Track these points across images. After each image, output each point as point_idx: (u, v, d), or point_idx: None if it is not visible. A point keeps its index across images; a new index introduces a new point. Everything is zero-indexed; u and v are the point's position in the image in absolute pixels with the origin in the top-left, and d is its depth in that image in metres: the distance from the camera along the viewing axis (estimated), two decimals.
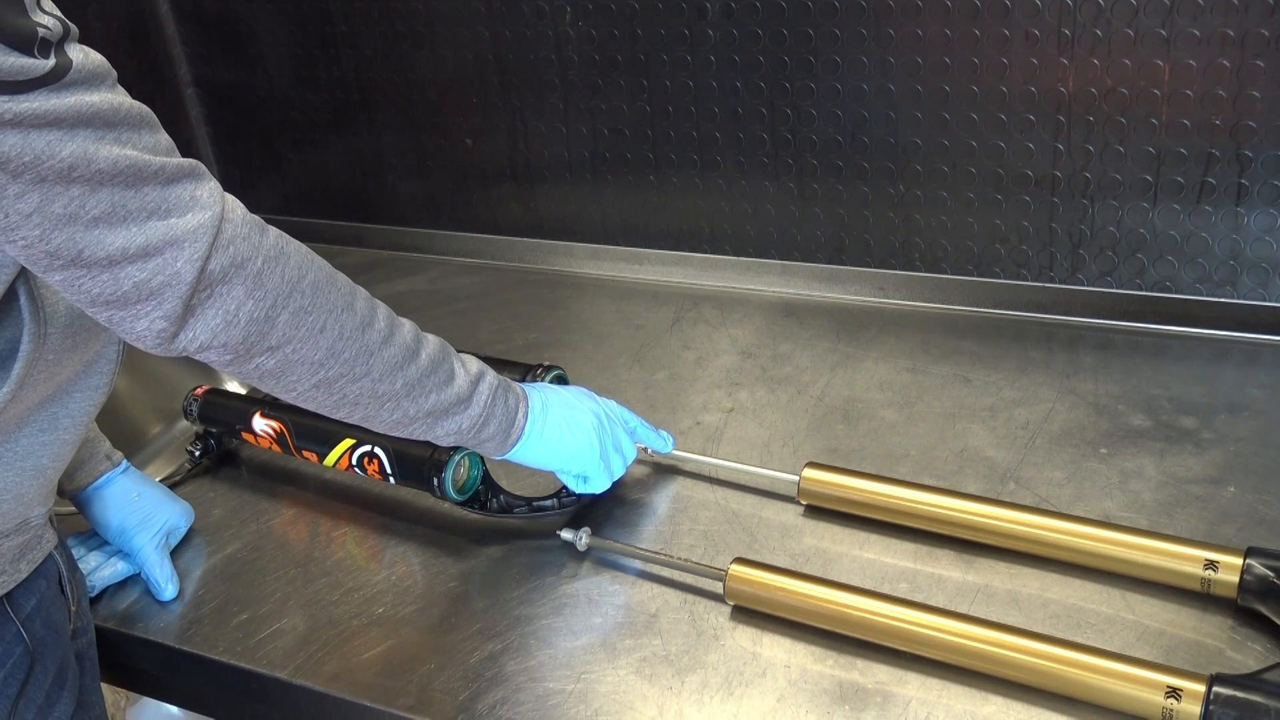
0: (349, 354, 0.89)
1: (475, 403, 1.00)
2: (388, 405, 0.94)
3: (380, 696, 1.04)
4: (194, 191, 0.80)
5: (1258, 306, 1.41)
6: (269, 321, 0.84)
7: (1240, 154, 1.34)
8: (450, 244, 1.92)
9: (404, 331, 0.95)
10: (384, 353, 0.91)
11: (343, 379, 0.90)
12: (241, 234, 0.82)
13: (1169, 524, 1.13)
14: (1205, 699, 0.88)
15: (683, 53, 1.59)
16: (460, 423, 0.99)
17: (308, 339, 0.86)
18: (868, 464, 1.25)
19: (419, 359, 0.95)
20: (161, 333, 0.80)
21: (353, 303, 0.90)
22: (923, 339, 1.50)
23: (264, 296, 0.83)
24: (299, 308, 0.85)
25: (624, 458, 1.18)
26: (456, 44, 1.74)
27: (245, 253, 0.82)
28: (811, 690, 0.99)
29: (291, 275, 0.85)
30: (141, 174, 0.76)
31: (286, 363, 0.86)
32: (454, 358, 1.00)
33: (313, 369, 0.88)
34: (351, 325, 0.89)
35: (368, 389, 0.92)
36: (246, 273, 0.82)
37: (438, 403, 0.97)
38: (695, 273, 1.73)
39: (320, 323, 0.86)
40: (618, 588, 1.13)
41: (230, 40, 1.91)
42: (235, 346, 0.83)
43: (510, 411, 1.04)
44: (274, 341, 0.85)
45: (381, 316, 0.93)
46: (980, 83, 1.43)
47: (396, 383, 0.93)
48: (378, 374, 0.91)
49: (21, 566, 0.98)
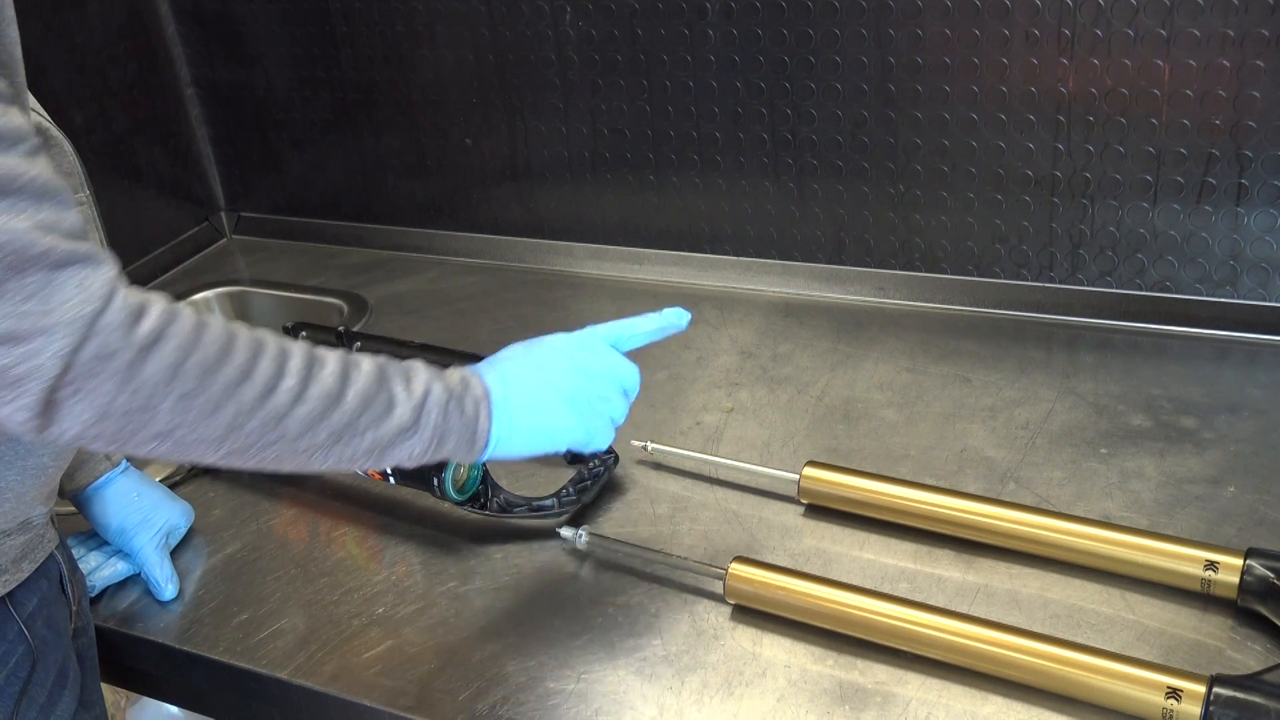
0: (253, 425, 0.82)
1: (424, 425, 0.92)
2: (317, 455, 0.87)
3: (380, 696, 1.04)
4: (84, 279, 0.75)
5: (1258, 306, 1.41)
6: (149, 411, 0.78)
7: (1240, 154, 1.34)
8: (450, 244, 1.92)
9: (324, 377, 0.87)
10: (297, 411, 0.84)
11: (253, 447, 0.84)
12: (113, 323, 0.76)
13: (1169, 524, 1.13)
14: (1205, 699, 0.88)
15: (683, 53, 1.59)
16: (412, 449, 0.92)
17: (199, 422, 0.80)
18: (868, 464, 1.25)
19: (343, 403, 0.87)
20: (26, 423, 0.75)
21: (251, 372, 0.82)
22: (923, 339, 1.50)
23: (139, 388, 0.77)
24: (184, 393, 0.79)
25: (621, 394, 1.05)
26: (456, 44, 1.74)
27: (114, 344, 0.75)
28: (811, 690, 0.99)
29: (171, 361, 0.78)
30: (25, 253, 0.72)
31: (182, 444, 0.81)
32: (394, 384, 0.91)
33: (215, 445, 0.82)
34: (251, 396, 0.82)
35: (286, 449, 0.85)
36: (115, 366, 0.75)
37: (377, 438, 0.90)
38: (695, 273, 1.73)
39: (212, 403, 0.80)
40: (618, 588, 1.13)
41: (230, 40, 1.91)
42: (114, 436, 0.78)
43: (469, 420, 0.95)
44: (160, 429, 0.79)
45: (292, 373, 0.85)
46: (980, 83, 1.43)
47: (319, 435, 0.86)
48: (293, 434, 0.85)
49: (24, 566, 0.98)
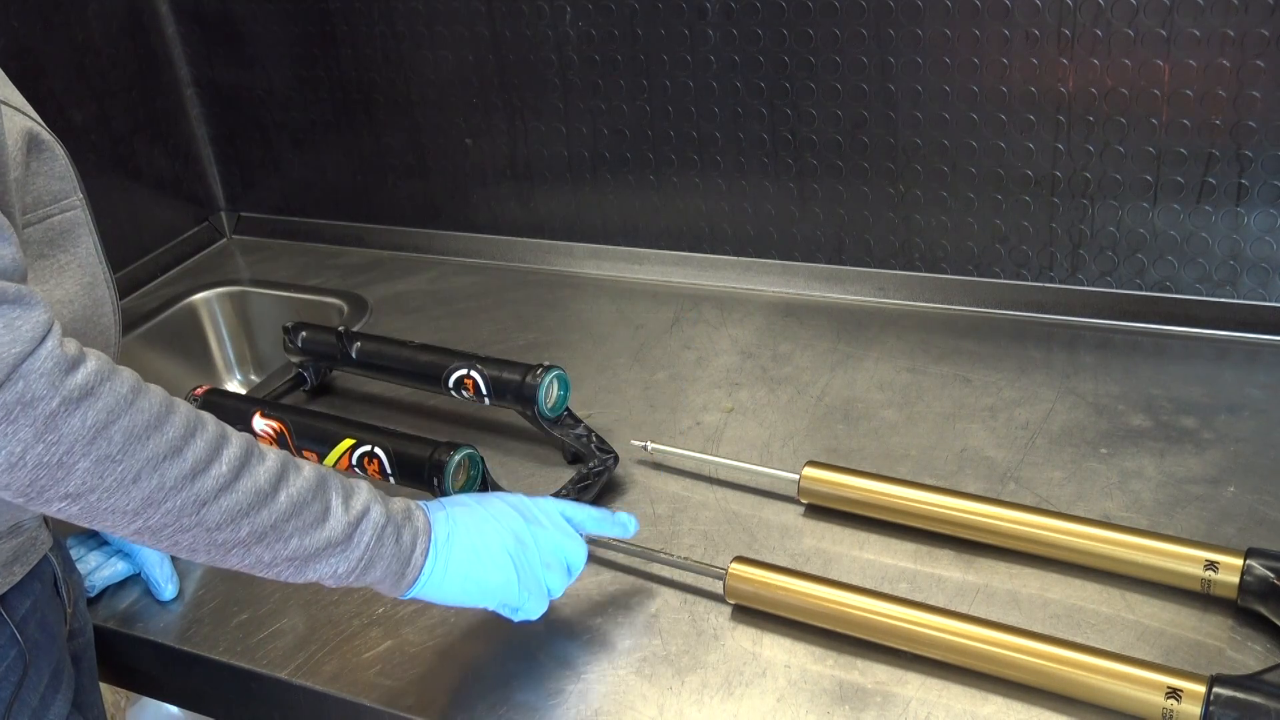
0: (172, 504, 0.80)
1: (355, 545, 0.90)
2: (235, 551, 0.85)
3: (380, 696, 1.04)
4: (13, 320, 0.73)
5: (1258, 306, 1.41)
6: (63, 468, 0.75)
7: (1240, 154, 1.34)
8: (450, 244, 1.92)
9: (259, 472, 0.85)
10: (222, 501, 0.82)
11: (168, 528, 0.81)
12: (41, 370, 0.74)
13: (1169, 524, 1.13)
14: (1205, 699, 0.88)
15: (683, 53, 1.59)
16: (336, 567, 0.89)
17: (116, 489, 0.78)
18: (868, 464, 1.25)
19: (274, 502, 0.85)
20: None
21: (181, 449, 0.81)
22: (923, 339, 1.50)
23: (57, 441, 0.75)
24: (103, 455, 0.77)
25: (564, 569, 1.04)
26: (456, 44, 1.74)
27: (39, 391, 0.74)
28: (811, 690, 0.99)
29: (96, 420, 0.76)
30: None
31: (92, 510, 0.78)
32: (334, 494, 0.90)
33: (127, 518, 0.80)
34: (176, 474, 0.80)
35: (202, 538, 0.83)
36: (36, 414, 0.74)
37: (302, 546, 0.87)
38: (695, 273, 1.73)
39: (133, 472, 0.78)
40: (618, 588, 1.13)
41: (230, 40, 1.91)
42: (23, 490, 0.76)
43: (404, 551, 0.93)
44: (72, 489, 0.76)
45: (226, 460, 0.83)
46: (980, 83, 1.43)
47: (240, 530, 0.84)
48: (213, 523, 0.83)
49: (15, 570, 0.98)
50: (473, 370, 1.32)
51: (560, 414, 1.31)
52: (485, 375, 1.31)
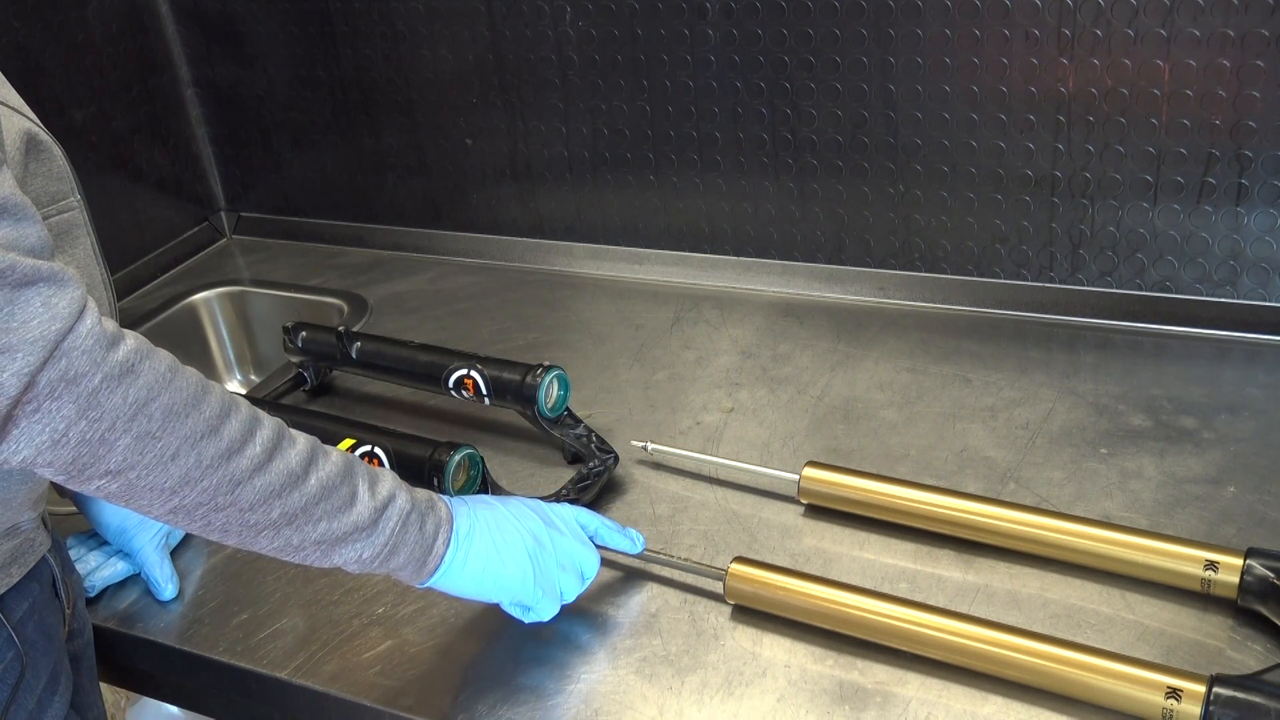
0: (208, 483, 0.81)
1: (380, 530, 0.91)
2: (265, 533, 0.86)
3: (380, 696, 1.04)
4: (49, 298, 0.74)
5: (1258, 306, 1.41)
6: (105, 444, 0.76)
7: (1240, 154, 1.34)
8: (450, 244, 1.92)
9: (291, 455, 0.87)
10: (256, 481, 0.84)
11: (202, 508, 0.82)
12: (83, 347, 0.75)
13: (1169, 524, 1.13)
14: (1205, 699, 0.88)
15: (683, 53, 1.59)
16: (361, 551, 0.91)
17: (155, 466, 0.79)
18: (868, 464, 1.25)
19: (305, 485, 0.87)
20: None
21: (219, 428, 0.82)
22: (923, 339, 1.50)
23: (100, 418, 0.75)
24: (144, 432, 0.77)
25: (579, 575, 1.06)
26: (456, 44, 1.74)
27: (82, 368, 0.74)
28: (811, 690, 0.99)
29: (137, 397, 0.77)
30: None
31: (131, 487, 0.79)
32: (361, 480, 0.91)
33: (164, 496, 0.80)
34: (213, 453, 0.81)
35: (235, 518, 0.84)
36: (79, 391, 0.74)
37: (330, 530, 0.89)
38: (695, 273, 1.73)
39: (171, 449, 0.79)
40: (618, 588, 1.13)
41: (230, 40, 1.91)
42: (65, 467, 0.76)
43: (426, 539, 0.95)
44: (113, 466, 0.77)
45: (260, 441, 0.85)
46: (980, 83, 1.43)
47: (272, 511, 0.85)
48: (246, 503, 0.84)
49: (12, 571, 0.97)
50: (473, 370, 1.32)
51: (560, 414, 1.31)
52: (485, 375, 1.31)
